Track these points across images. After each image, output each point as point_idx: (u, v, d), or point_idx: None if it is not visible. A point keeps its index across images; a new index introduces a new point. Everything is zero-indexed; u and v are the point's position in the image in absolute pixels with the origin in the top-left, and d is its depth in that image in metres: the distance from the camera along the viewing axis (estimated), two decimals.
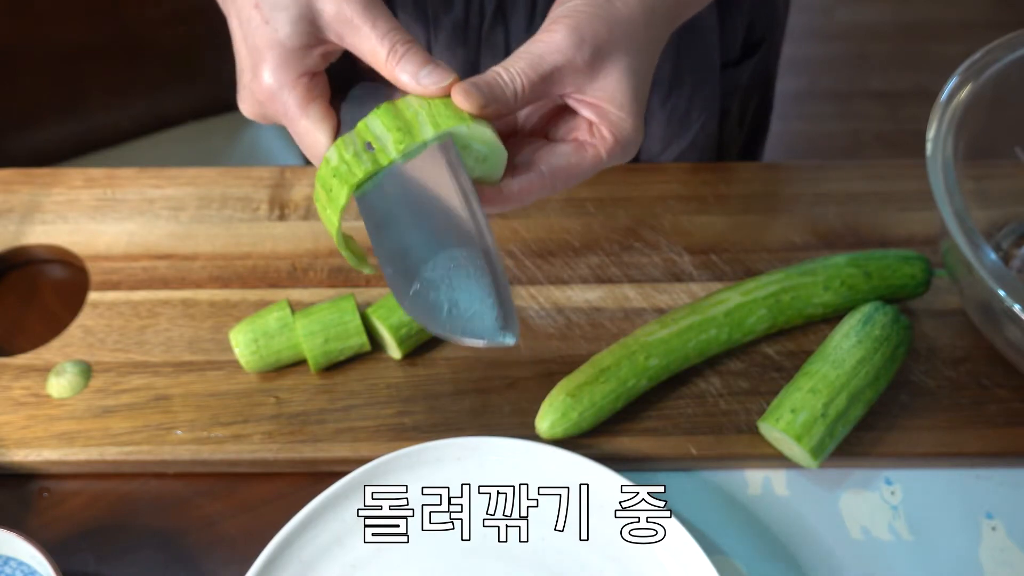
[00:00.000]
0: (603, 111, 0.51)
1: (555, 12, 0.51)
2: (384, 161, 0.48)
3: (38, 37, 1.12)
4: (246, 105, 0.53)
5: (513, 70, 0.49)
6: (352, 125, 0.50)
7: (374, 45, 0.49)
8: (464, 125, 0.49)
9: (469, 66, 0.76)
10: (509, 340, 0.45)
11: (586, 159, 0.51)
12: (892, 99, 2.13)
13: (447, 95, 0.49)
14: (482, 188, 0.50)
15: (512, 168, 0.51)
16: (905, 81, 2.16)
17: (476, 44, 0.74)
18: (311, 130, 0.51)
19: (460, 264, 0.47)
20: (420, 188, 0.48)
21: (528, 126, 0.55)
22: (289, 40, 0.50)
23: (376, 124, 0.49)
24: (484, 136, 0.49)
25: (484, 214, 0.48)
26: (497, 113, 0.50)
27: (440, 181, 0.48)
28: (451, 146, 0.49)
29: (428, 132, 0.49)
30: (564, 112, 0.53)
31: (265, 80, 0.50)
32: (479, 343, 0.45)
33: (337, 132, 0.51)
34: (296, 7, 0.49)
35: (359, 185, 0.49)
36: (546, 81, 0.50)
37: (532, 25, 0.72)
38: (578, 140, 0.52)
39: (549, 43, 0.49)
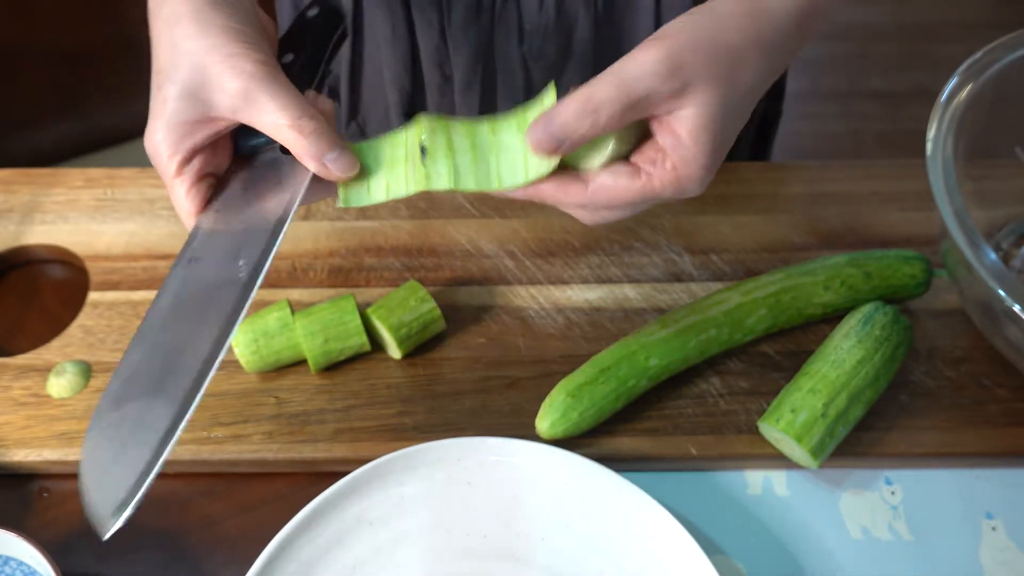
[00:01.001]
0: (678, 141, 0.48)
1: (661, 29, 0.48)
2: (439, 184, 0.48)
3: (38, 37, 1.12)
4: (145, 141, 0.53)
5: (600, 97, 0.46)
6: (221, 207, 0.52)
7: (275, 121, 0.49)
8: (549, 167, 0.46)
9: (483, 45, 0.76)
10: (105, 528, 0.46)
11: (635, 186, 0.49)
12: (892, 99, 2.13)
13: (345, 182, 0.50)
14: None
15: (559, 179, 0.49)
16: (905, 81, 2.16)
17: (489, 23, 0.75)
18: (179, 197, 0.52)
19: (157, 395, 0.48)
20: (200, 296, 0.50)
21: None
22: (175, 115, 0.50)
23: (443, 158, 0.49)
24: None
25: (211, 367, 0.48)
26: (574, 148, 0.48)
27: (220, 301, 0.49)
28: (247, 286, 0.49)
29: (509, 182, 0.48)
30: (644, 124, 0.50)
31: (153, 137, 0.51)
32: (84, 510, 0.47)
33: (207, 203, 0.52)
34: (188, 82, 0.49)
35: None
36: (634, 108, 0.47)
37: (543, 5, 0.72)
38: (637, 165, 0.49)
39: (642, 66, 0.46)
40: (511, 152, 0.49)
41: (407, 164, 0.50)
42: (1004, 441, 0.62)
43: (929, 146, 0.62)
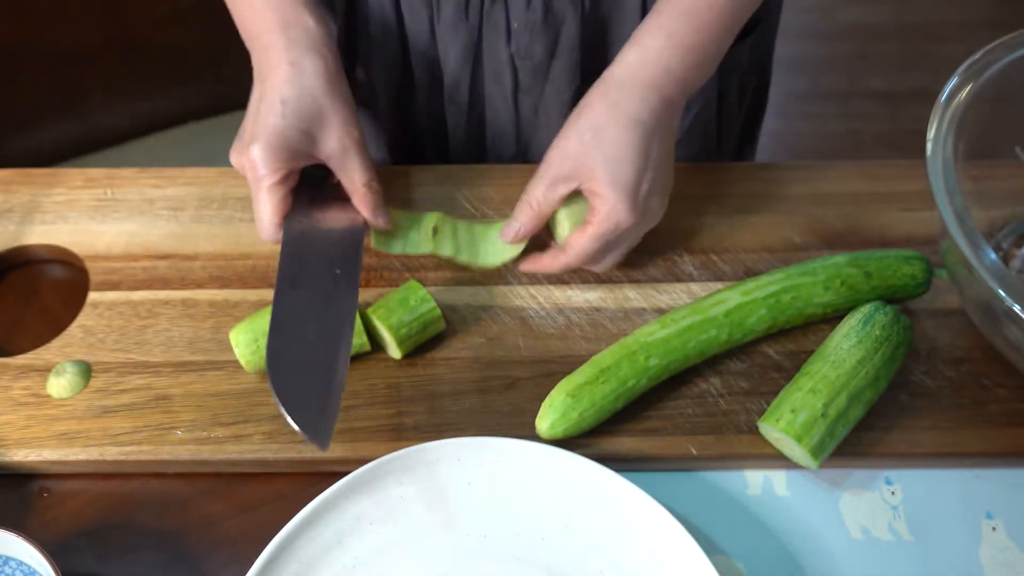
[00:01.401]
0: (592, 193, 0.64)
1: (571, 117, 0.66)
2: (444, 253, 0.69)
3: (38, 37, 1.12)
4: (234, 157, 0.64)
5: (531, 194, 0.66)
6: (301, 217, 0.65)
7: (357, 175, 0.64)
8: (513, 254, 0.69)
9: (472, 42, 0.76)
10: (321, 446, 0.55)
11: (585, 237, 0.65)
12: (892, 99, 2.13)
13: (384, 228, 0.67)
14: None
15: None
16: (905, 81, 2.16)
17: (478, 22, 0.75)
18: (266, 209, 0.63)
19: (318, 367, 0.58)
20: (321, 292, 0.62)
21: None
22: (285, 139, 0.61)
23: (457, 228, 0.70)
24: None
25: (350, 340, 0.60)
26: (532, 232, 0.68)
27: (335, 296, 0.62)
28: (354, 268, 0.64)
29: (490, 261, 0.70)
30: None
31: (254, 154, 0.61)
32: (297, 429, 0.55)
33: (285, 215, 0.64)
34: (307, 115, 0.62)
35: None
36: (553, 188, 0.65)
37: (531, 4, 0.73)
38: (585, 222, 0.65)
39: (548, 160, 0.66)
40: (494, 243, 0.70)
41: (422, 234, 0.69)
42: (1004, 441, 0.62)
43: (929, 146, 0.62)
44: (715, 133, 0.86)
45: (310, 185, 0.66)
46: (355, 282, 0.62)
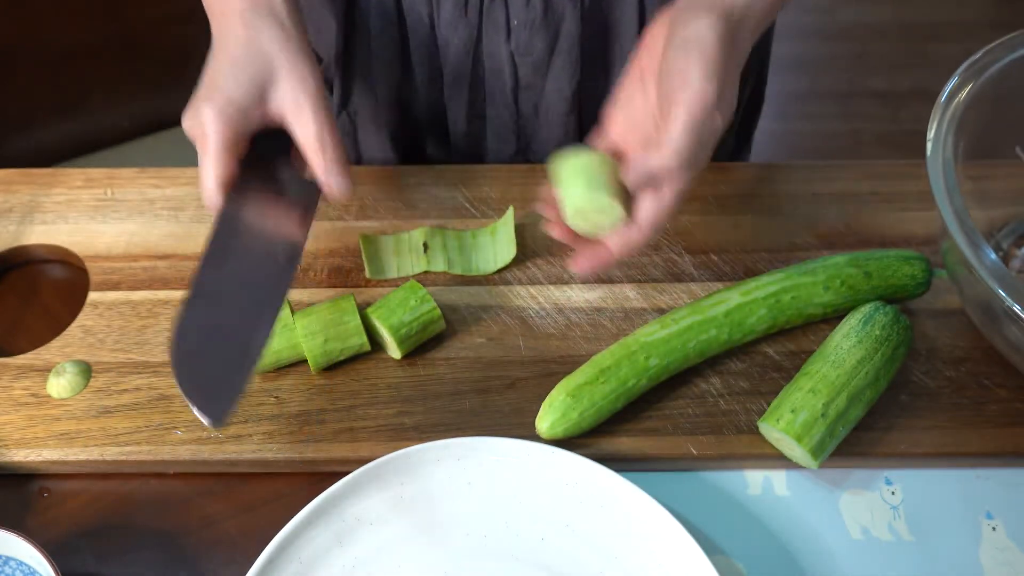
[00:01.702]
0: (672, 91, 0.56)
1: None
2: (436, 267, 0.70)
3: (38, 37, 1.12)
4: (185, 120, 0.60)
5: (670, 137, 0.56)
6: (244, 187, 0.60)
7: (309, 127, 0.60)
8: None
9: (472, 39, 0.76)
10: (215, 423, 0.53)
11: (676, 130, 0.55)
12: (892, 99, 2.13)
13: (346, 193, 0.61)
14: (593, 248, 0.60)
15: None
16: (905, 81, 2.16)
17: (477, 19, 0.75)
18: (208, 171, 0.59)
19: (228, 343, 0.56)
20: (252, 264, 0.59)
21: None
22: (237, 98, 0.59)
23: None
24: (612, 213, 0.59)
25: (274, 317, 0.57)
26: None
27: (269, 269, 0.59)
28: (296, 249, 0.60)
29: (484, 269, 0.71)
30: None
31: (203, 114, 0.59)
32: (191, 406, 0.53)
33: (230, 184, 0.60)
34: (259, 75, 0.59)
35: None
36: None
37: (530, 1, 0.73)
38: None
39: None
40: (485, 250, 0.72)
41: (412, 254, 0.71)
42: (1004, 441, 0.62)
43: (929, 146, 0.62)
44: None
45: (267, 160, 0.63)
46: (295, 257, 0.60)
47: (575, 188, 0.57)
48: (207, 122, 0.58)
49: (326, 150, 0.60)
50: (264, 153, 0.62)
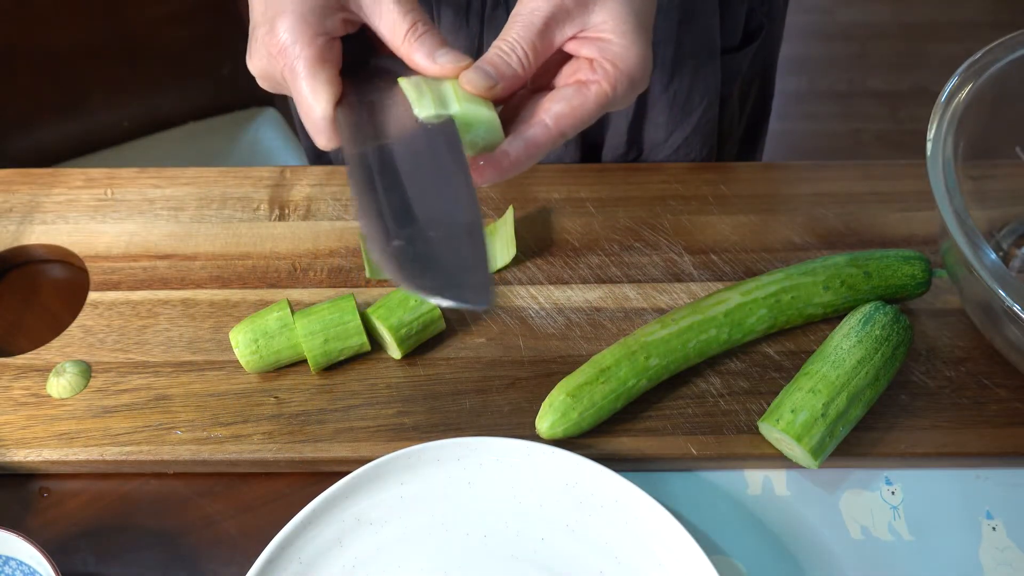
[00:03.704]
0: (603, 43, 0.50)
1: None
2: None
3: (38, 37, 1.12)
4: (255, 60, 0.53)
5: (511, 39, 0.50)
6: (358, 101, 0.51)
7: (395, 20, 0.50)
8: (486, 108, 0.49)
9: (473, 49, 0.76)
10: (481, 306, 0.44)
11: (589, 97, 0.50)
12: (892, 99, 2.13)
13: (457, 76, 0.50)
14: (487, 157, 0.50)
15: (517, 126, 0.51)
16: (905, 81, 2.16)
17: (479, 26, 0.75)
18: (313, 92, 0.50)
19: (443, 230, 0.46)
20: (417, 158, 0.49)
21: (533, 84, 0.54)
22: (309, 4, 0.50)
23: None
24: (489, 120, 0.50)
25: (474, 191, 0.47)
26: (509, 89, 0.50)
27: (437, 155, 0.49)
28: (451, 125, 0.49)
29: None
30: (566, 60, 0.52)
31: (280, 34, 0.50)
32: (449, 304, 0.44)
33: (338, 104, 0.51)
34: None
35: None
36: (544, 35, 0.50)
37: None
38: (579, 80, 0.51)
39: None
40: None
41: None
42: (1004, 441, 0.62)
43: (929, 146, 0.62)
44: (716, 143, 0.86)
45: (365, 65, 0.55)
46: (455, 139, 0.49)
47: (420, 109, 0.50)
48: (288, 36, 0.50)
49: (416, 32, 0.51)
50: (356, 59, 0.54)
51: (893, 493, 0.62)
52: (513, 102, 0.53)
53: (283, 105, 1.29)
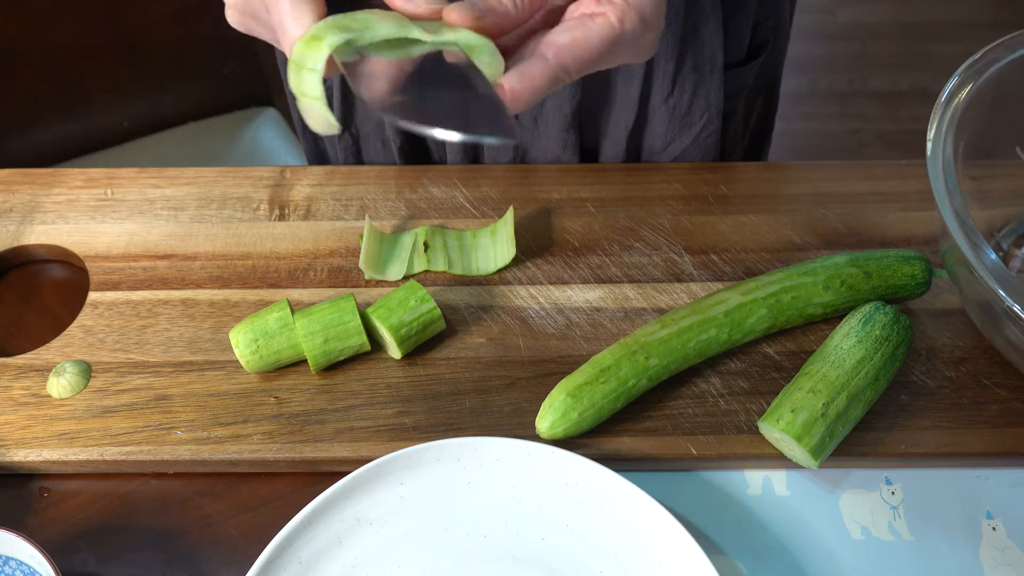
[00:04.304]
0: None
1: None
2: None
3: (38, 37, 1.12)
4: (230, 10, 0.51)
5: None
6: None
7: None
8: (477, 36, 0.48)
9: None
10: (511, 139, 0.44)
11: (593, 29, 0.48)
12: (892, 99, 2.13)
13: (438, 18, 0.48)
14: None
15: (516, 62, 0.49)
16: (905, 81, 2.16)
17: None
18: (297, 14, 0.47)
19: (460, 89, 0.45)
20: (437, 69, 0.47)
21: (544, 25, 0.52)
22: None
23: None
24: (483, 43, 0.48)
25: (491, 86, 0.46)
26: (500, 25, 0.48)
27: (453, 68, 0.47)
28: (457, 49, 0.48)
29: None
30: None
31: None
32: (483, 139, 0.44)
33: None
34: None
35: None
36: None
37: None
38: (583, 14, 0.49)
39: None
40: (485, 250, 0.72)
41: (414, 253, 0.71)
42: (1004, 441, 0.62)
43: (929, 146, 0.62)
44: (718, 151, 0.85)
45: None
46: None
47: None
48: None
49: None
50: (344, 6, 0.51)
51: (893, 493, 0.62)
52: (516, 41, 0.50)
53: (283, 105, 1.29)
